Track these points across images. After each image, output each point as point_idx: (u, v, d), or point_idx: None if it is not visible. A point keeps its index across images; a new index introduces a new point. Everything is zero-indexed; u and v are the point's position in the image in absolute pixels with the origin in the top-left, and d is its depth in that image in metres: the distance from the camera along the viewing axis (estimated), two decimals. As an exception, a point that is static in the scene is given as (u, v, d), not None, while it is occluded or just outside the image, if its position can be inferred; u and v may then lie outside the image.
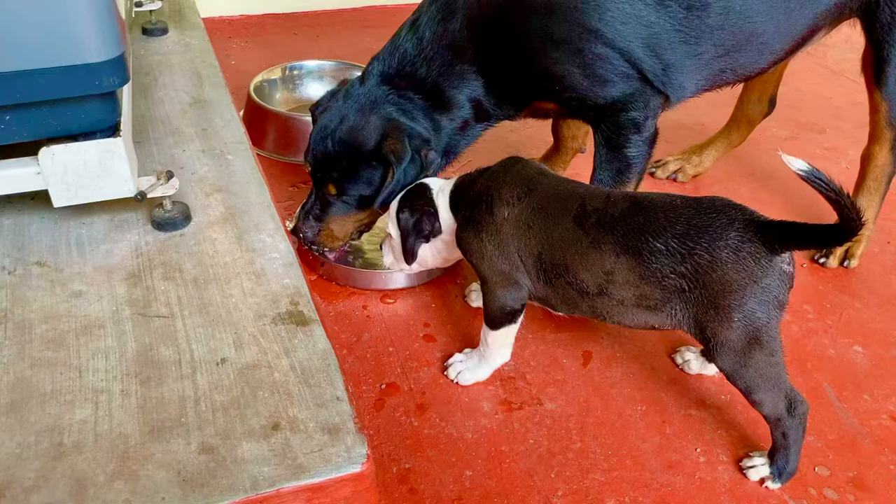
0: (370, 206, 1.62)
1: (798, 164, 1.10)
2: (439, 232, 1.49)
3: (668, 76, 1.59)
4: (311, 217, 1.67)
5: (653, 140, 1.66)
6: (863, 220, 1.08)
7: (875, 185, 1.92)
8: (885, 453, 1.41)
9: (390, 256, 1.60)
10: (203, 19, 2.24)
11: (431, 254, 1.54)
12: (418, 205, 1.49)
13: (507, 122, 1.76)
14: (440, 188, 1.50)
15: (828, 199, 1.09)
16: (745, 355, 1.22)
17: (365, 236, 1.78)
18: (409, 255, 1.50)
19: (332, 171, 1.61)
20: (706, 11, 1.55)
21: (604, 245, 1.26)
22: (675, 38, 1.55)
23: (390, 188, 1.54)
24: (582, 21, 1.51)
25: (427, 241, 1.51)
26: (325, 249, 1.72)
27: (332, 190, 1.62)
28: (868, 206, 1.92)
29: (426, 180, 1.54)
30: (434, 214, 1.48)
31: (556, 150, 2.15)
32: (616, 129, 1.62)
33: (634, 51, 1.54)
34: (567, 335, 1.66)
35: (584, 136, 2.09)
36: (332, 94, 1.69)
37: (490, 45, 1.58)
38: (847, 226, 1.09)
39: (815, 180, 1.09)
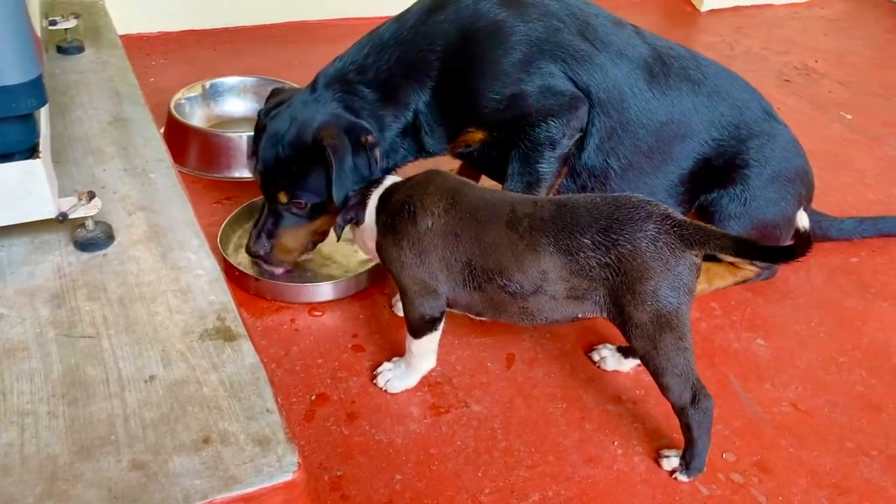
0: (323, 213, 1.63)
1: (803, 223, 1.20)
2: (362, 220, 1.53)
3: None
4: (262, 234, 1.68)
5: (566, 158, 1.74)
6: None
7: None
8: (786, 437, 1.52)
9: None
10: (120, 37, 2.22)
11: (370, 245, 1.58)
12: (360, 192, 1.55)
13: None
14: (383, 185, 1.55)
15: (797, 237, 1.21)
16: (656, 337, 1.31)
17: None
18: (337, 230, 1.55)
19: (282, 178, 1.62)
20: None
21: (539, 247, 1.34)
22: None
23: (339, 179, 1.55)
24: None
25: (352, 222, 1.55)
26: (278, 264, 1.75)
27: (284, 198, 1.63)
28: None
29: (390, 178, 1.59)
30: (362, 204, 1.53)
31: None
32: (533, 144, 1.70)
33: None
34: (491, 339, 1.72)
35: None
36: (280, 102, 1.71)
37: (450, 64, 1.66)
38: (799, 249, 1.21)
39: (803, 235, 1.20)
